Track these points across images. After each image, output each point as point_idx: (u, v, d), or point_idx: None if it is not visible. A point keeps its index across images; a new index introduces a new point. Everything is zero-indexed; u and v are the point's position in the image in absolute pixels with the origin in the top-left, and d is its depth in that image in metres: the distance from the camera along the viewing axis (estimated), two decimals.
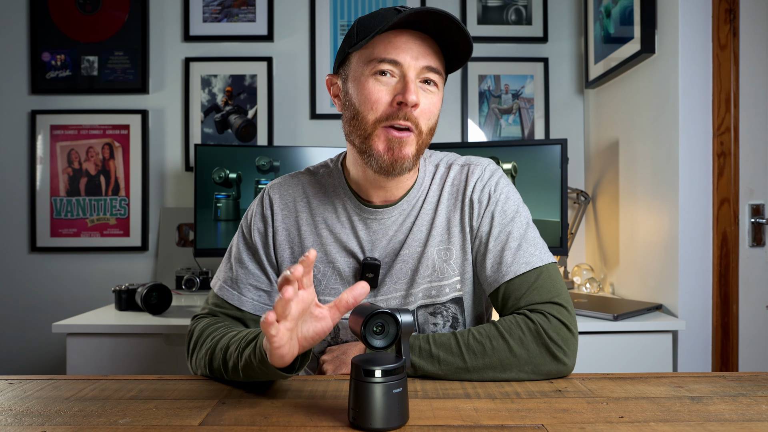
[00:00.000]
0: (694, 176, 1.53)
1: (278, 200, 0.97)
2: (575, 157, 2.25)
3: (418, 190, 0.95)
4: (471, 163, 0.96)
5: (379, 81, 0.83)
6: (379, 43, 0.83)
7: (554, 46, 2.25)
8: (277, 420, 0.67)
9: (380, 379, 0.63)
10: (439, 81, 0.86)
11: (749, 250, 1.49)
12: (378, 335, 0.67)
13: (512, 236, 0.90)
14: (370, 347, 0.67)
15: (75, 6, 2.20)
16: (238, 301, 0.94)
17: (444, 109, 2.24)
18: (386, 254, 0.93)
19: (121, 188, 2.20)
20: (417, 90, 0.83)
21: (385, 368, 0.63)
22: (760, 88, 1.49)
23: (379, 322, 0.67)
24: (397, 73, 0.83)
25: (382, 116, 0.83)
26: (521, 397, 0.75)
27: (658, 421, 0.65)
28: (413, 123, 0.83)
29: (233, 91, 2.22)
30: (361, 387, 0.63)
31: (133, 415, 0.69)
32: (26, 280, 2.20)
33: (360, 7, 2.22)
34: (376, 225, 0.93)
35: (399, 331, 0.67)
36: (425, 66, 0.83)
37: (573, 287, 2.02)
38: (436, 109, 0.87)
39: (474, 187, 0.93)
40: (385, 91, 0.83)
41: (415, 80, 0.83)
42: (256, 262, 0.96)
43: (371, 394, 0.63)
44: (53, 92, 2.20)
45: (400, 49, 0.82)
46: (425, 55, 0.83)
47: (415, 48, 0.83)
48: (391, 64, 0.82)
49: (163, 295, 1.62)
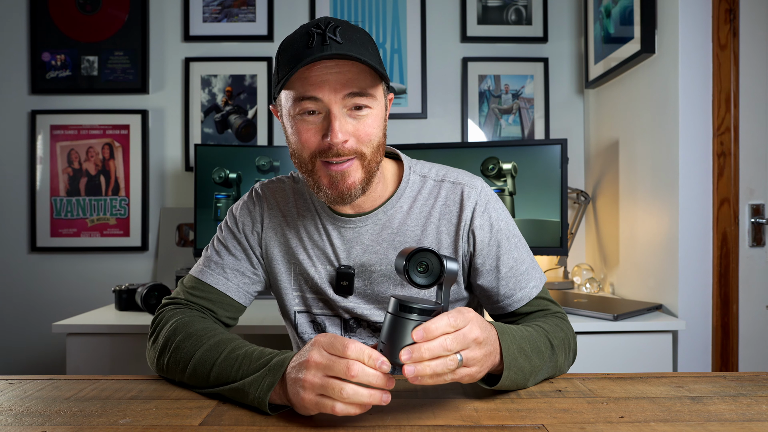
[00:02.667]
0: (694, 176, 1.53)
1: (266, 200, 0.98)
2: (575, 157, 2.25)
3: (396, 201, 0.93)
4: (464, 184, 0.93)
5: (306, 121, 0.81)
6: (296, 80, 0.79)
7: (554, 46, 2.25)
8: (277, 420, 0.67)
9: (415, 318, 0.63)
10: (370, 100, 0.81)
11: (749, 250, 1.49)
12: (421, 274, 0.68)
13: (519, 261, 0.92)
14: (410, 283, 0.68)
15: (75, 6, 2.20)
16: (223, 285, 0.93)
17: (444, 109, 2.24)
18: (362, 263, 0.93)
19: (121, 188, 2.20)
20: (344, 124, 0.80)
21: (423, 307, 0.63)
22: (760, 88, 1.49)
23: (424, 261, 0.67)
24: (322, 107, 0.79)
25: (316, 152, 0.82)
26: (521, 397, 0.75)
27: (658, 421, 0.65)
28: (350, 153, 0.81)
29: (233, 91, 2.22)
30: (394, 321, 0.63)
31: (133, 415, 0.68)
32: (26, 280, 2.20)
33: (360, 7, 2.22)
34: (350, 233, 0.93)
35: (442, 273, 0.67)
36: (348, 94, 0.79)
37: (573, 287, 2.02)
38: (375, 128, 0.83)
39: (473, 216, 0.91)
40: (313, 131, 0.81)
41: (342, 112, 0.80)
42: (242, 250, 0.96)
43: (403, 330, 0.62)
44: (53, 92, 2.20)
45: (317, 85, 0.78)
46: (345, 83, 0.78)
47: (333, 78, 0.78)
48: (313, 101, 0.79)
49: (163, 295, 1.62)
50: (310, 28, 0.79)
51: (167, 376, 0.83)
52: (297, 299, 0.97)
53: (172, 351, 0.81)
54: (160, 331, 0.86)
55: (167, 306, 0.93)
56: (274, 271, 0.97)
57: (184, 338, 0.82)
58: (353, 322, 0.95)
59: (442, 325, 0.63)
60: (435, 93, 2.24)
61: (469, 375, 0.66)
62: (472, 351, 0.65)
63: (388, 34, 2.23)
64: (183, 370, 0.79)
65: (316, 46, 0.77)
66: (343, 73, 0.79)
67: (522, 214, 1.82)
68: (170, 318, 0.87)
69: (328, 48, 0.77)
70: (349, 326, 0.95)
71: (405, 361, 0.61)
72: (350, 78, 0.79)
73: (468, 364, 0.65)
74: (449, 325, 0.63)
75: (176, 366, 0.80)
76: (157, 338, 0.86)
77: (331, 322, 0.96)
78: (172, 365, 0.81)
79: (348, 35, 0.79)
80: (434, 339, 0.62)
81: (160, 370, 0.84)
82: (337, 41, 0.77)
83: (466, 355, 0.64)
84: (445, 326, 0.63)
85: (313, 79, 0.78)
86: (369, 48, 0.82)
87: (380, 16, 2.23)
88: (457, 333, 0.64)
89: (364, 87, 0.80)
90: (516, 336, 0.76)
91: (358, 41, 0.80)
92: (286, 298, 0.97)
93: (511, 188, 1.83)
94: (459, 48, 2.25)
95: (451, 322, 0.63)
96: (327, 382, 0.63)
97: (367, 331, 0.95)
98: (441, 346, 0.62)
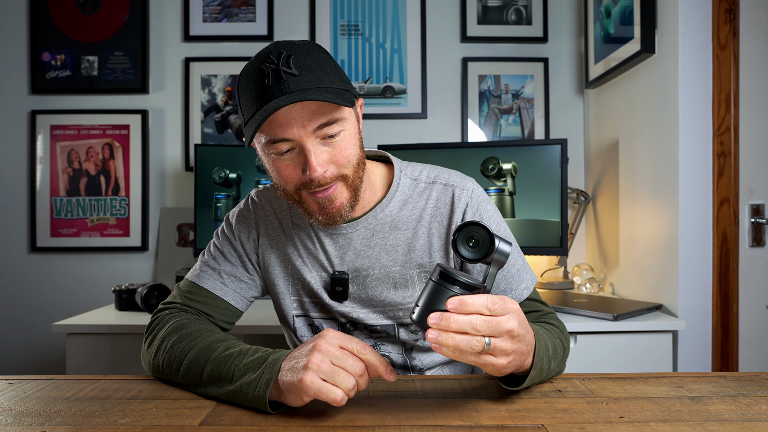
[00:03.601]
0: (694, 176, 1.53)
1: (262, 207, 0.98)
2: (575, 157, 2.25)
3: (387, 205, 0.93)
4: (455, 186, 0.93)
5: (282, 159, 0.81)
6: (264, 125, 0.79)
7: (554, 46, 2.25)
8: (277, 420, 0.67)
9: (456, 291, 0.62)
10: (340, 124, 0.80)
11: (749, 250, 1.49)
12: (470, 248, 0.67)
13: (511, 263, 0.92)
14: (457, 254, 0.68)
15: (75, 6, 2.20)
16: (220, 290, 0.93)
17: (444, 109, 2.24)
18: (356, 268, 0.93)
19: (121, 188, 2.20)
20: (319, 155, 0.79)
21: (465, 281, 0.63)
22: (760, 88, 1.49)
23: (474, 236, 0.67)
24: (295, 144, 0.79)
25: (299, 185, 0.82)
26: (521, 397, 0.75)
27: (658, 421, 0.65)
28: (332, 180, 0.81)
29: (233, 91, 2.22)
30: (434, 288, 0.63)
31: (133, 415, 0.68)
32: (26, 280, 2.20)
33: (360, 7, 2.22)
34: (342, 240, 0.93)
35: (491, 251, 0.66)
36: (317, 127, 0.78)
37: (573, 287, 2.02)
38: (351, 148, 0.83)
39: (464, 217, 0.92)
40: (292, 167, 0.81)
41: (315, 143, 0.79)
42: (238, 257, 0.97)
43: (440, 298, 0.62)
44: (53, 92, 2.20)
45: (285, 125, 0.77)
46: (311, 116, 0.77)
47: (298, 115, 0.77)
48: (284, 141, 0.79)
49: (163, 295, 1.62)
50: (263, 63, 0.77)
51: (162, 376, 0.83)
52: (295, 303, 0.98)
53: (167, 350, 0.81)
54: (157, 334, 0.86)
55: (164, 310, 0.93)
56: (271, 277, 0.97)
57: (179, 338, 0.82)
58: (350, 325, 0.96)
59: (478, 304, 0.61)
60: (435, 93, 2.24)
61: (493, 365, 0.64)
62: (503, 341, 0.63)
63: (388, 34, 2.23)
64: (177, 370, 0.79)
65: (273, 85, 0.76)
66: (308, 107, 0.77)
67: (522, 214, 1.82)
68: (167, 321, 0.88)
69: (285, 84, 0.75)
70: (347, 329, 0.96)
71: (432, 324, 0.61)
72: (315, 110, 0.78)
73: (495, 353, 0.63)
74: (486, 306, 0.62)
75: (170, 366, 0.80)
76: (153, 340, 0.86)
77: (329, 325, 0.97)
78: (167, 365, 0.81)
79: (302, 62, 0.77)
80: (467, 314, 0.61)
81: (156, 370, 0.83)
82: (293, 74, 0.76)
83: (495, 344, 0.62)
84: (481, 306, 0.62)
85: (279, 121, 0.77)
86: (327, 68, 0.80)
87: (380, 16, 2.23)
88: (492, 318, 0.62)
89: (330, 114, 0.79)
90: (545, 338, 0.76)
91: (314, 65, 0.78)
92: (283, 303, 0.98)
93: (511, 188, 1.83)
94: (459, 48, 2.25)
95: (488, 305, 0.62)
96: (335, 369, 0.65)
97: (364, 333, 0.96)
98: (470, 323, 0.61)
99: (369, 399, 0.74)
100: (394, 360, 0.95)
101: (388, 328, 0.94)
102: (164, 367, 0.81)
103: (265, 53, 0.78)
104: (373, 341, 0.96)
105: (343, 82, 0.81)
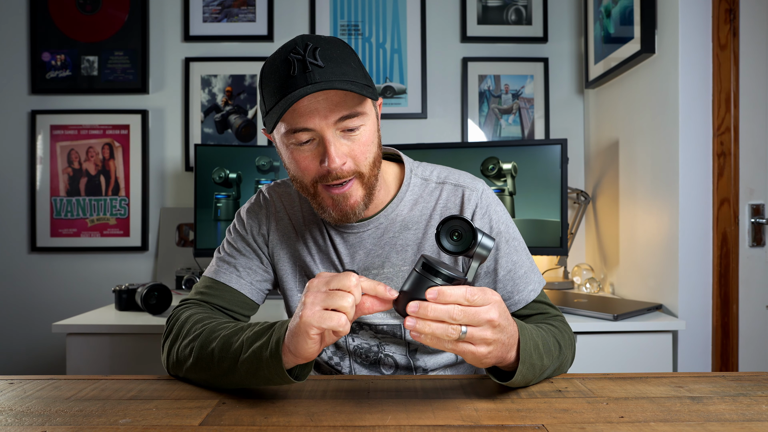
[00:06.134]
0: (694, 176, 1.53)
1: (273, 204, 0.99)
2: (575, 157, 2.25)
3: (398, 205, 0.94)
4: (465, 187, 0.94)
5: (302, 149, 0.82)
6: (286, 114, 0.79)
7: (554, 46, 2.25)
8: (277, 420, 0.67)
9: (437, 282, 0.64)
10: (361, 118, 0.81)
11: (749, 250, 1.49)
12: (452, 240, 0.68)
13: (518, 265, 0.92)
14: (439, 246, 0.69)
15: (75, 6, 2.20)
16: (237, 283, 0.95)
17: (444, 109, 2.24)
18: (366, 267, 0.94)
19: (121, 188, 2.20)
20: (339, 147, 0.80)
21: (446, 273, 0.64)
22: (760, 88, 1.49)
23: (457, 229, 0.68)
24: (315, 135, 0.80)
25: (316, 177, 0.83)
26: (521, 397, 0.75)
27: (658, 421, 0.65)
28: (349, 174, 0.82)
29: (233, 91, 2.22)
30: (417, 278, 0.65)
31: (133, 415, 0.68)
32: (26, 280, 2.20)
33: (360, 7, 2.22)
34: (353, 238, 0.94)
35: (472, 245, 0.67)
36: (339, 119, 0.79)
37: (573, 287, 2.02)
38: (370, 144, 0.84)
39: (473, 218, 0.92)
40: (311, 158, 0.82)
41: (335, 135, 0.80)
42: (252, 251, 0.98)
43: (421, 288, 0.64)
44: (53, 92, 2.20)
45: (307, 115, 0.78)
46: (334, 108, 0.78)
47: (321, 106, 0.78)
48: (305, 131, 0.79)
49: (163, 295, 1.62)
50: (289, 54, 0.78)
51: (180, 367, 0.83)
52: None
53: (183, 337, 0.83)
54: (174, 326, 0.88)
55: (181, 306, 0.94)
56: (280, 273, 0.98)
57: (193, 325, 0.84)
58: (355, 324, 0.96)
59: (456, 294, 0.63)
60: (435, 93, 2.24)
61: (473, 354, 0.66)
62: (482, 330, 0.65)
63: (388, 34, 2.23)
64: (190, 354, 0.80)
65: (299, 75, 0.77)
66: (330, 99, 0.78)
67: (522, 214, 1.82)
68: (185, 315, 0.89)
69: (311, 75, 0.76)
70: (352, 328, 0.96)
71: (410, 312, 0.63)
72: (338, 102, 0.79)
73: (474, 342, 0.65)
74: (464, 297, 0.64)
75: (184, 351, 0.81)
76: (171, 332, 0.88)
77: None
78: (182, 352, 0.82)
79: (328, 55, 0.78)
80: (445, 304, 0.63)
81: (173, 362, 0.84)
82: (319, 65, 0.77)
83: (473, 333, 0.64)
84: (460, 296, 0.63)
85: (301, 110, 0.78)
86: (351, 63, 0.81)
87: (380, 16, 2.23)
88: (470, 308, 0.64)
89: (352, 107, 0.80)
90: (533, 333, 0.76)
91: (339, 59, 0.79)
92: (291, 300, 0.99)
93: (511, 188, 1.83)
94: (459, 48, 2.25)
95: (467, 296, 0.64)
96: (330, 293, 0.65)
97: (369, 333, 0.96)
98: (447, 312, 0.63)
99: (369, 399, 0.74)
100: (398, 361, 0.95)
101: (394, 328, 0.94)
102: (180, 356, 0.82)
103: (292, 44, 0.79)
104: (377, 341, 0.96)
105: (366, 78, 0.83)
